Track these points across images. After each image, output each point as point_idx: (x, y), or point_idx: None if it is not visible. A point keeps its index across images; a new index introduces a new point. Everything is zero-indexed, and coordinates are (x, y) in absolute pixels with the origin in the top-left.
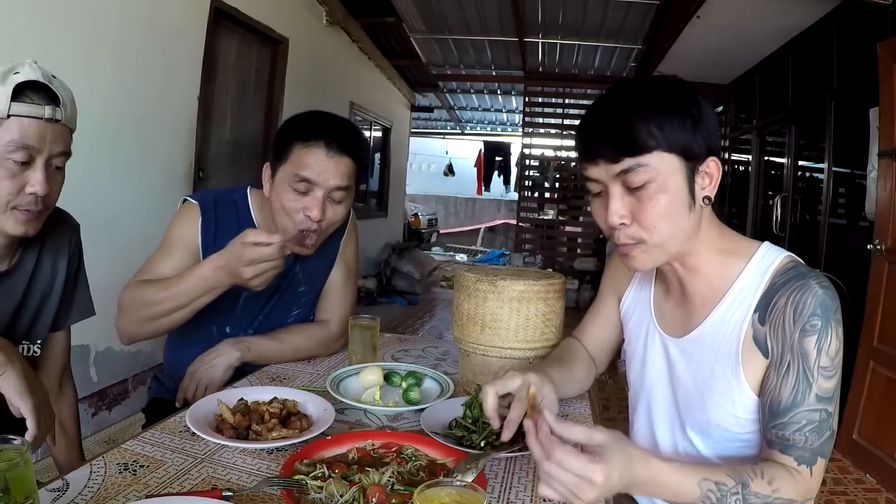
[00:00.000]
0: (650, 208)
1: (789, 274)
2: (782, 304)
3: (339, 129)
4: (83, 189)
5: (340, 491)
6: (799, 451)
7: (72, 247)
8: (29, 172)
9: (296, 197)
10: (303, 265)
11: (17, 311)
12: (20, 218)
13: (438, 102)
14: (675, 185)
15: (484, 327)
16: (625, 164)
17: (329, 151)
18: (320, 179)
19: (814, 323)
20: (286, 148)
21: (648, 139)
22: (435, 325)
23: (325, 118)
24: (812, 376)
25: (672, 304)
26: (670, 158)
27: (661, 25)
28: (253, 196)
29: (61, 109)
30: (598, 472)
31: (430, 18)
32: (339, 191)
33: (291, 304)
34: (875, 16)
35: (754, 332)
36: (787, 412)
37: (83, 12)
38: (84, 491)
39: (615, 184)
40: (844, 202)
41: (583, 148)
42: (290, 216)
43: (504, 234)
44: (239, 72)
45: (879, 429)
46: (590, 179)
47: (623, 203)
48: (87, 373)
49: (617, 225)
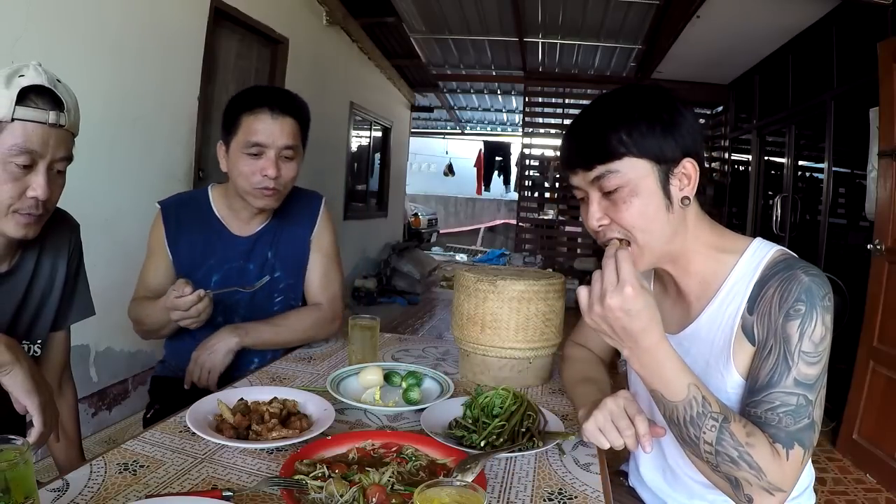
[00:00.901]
0: (624, 210)
1: (779, 266)
2: (770, 293)
3: (279, 95)
4: (83, 189)
5: (340, 491)
6: (773, 430)
7: (71, 247)
8: (31, 176)
9: (251, 161)
10: (275, 251)
11: (17, 312)
12: (21, 221)
13: (438, 102)
14: (648, 187)
15: (484, 327)
16: (597, 171)
17: (273, 115)
18: (270, 141)
19: (798, 308)
20: (234, 121)
21: (618, 146)
22: (435, 325)
23: (265, 89)
24: (792, 359)
25: (669, 302)
26: (641, 163)
27: (661, 25)
28: (214, 191)
29: (65, 115)
30: (633, 288)
31: (430, 18)
32: (289, 149)
33: (272, 290)
34: (875, 16)
35: (743, 323)
36: (761, 391)
37: (83, 12)
38: (84, 491)
39: (592, 189)
40: (844, 202)
41: (563, 159)
42: (248, 179)
43: (504, 234)
44: (239, 72)
45: (879, 429)
46: (573, 187)
47: (600, 207)
48: (87, 373)
49: (596, 227)
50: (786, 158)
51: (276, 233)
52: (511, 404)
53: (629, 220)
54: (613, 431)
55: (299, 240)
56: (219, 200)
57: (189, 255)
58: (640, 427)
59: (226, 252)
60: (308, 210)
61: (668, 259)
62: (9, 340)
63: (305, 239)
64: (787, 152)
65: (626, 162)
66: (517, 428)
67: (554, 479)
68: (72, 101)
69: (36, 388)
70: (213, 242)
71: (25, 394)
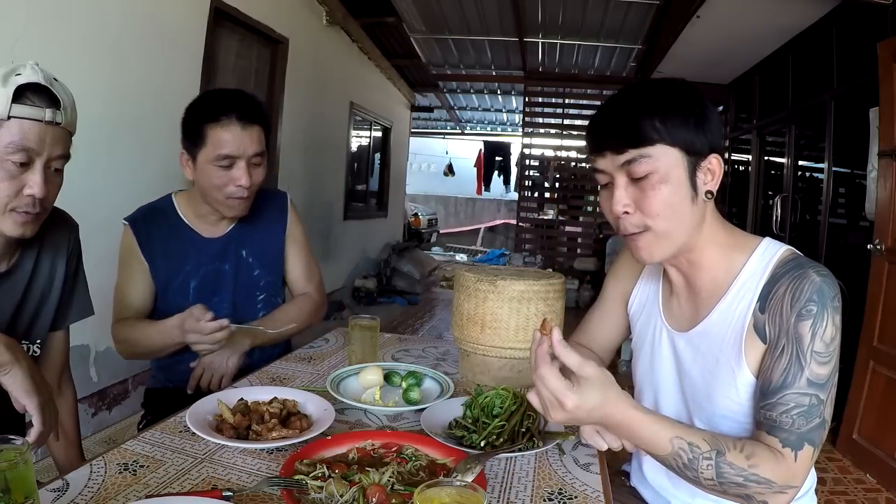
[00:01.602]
0: (653, 197)
1: (789, 265)
2: (782, 291)
3: (243, 102)
4: (82, 189)
5: (340, 491)
6: (785, 434)
7: (70, 247)
8: (28, 174)
9: (222, 173)
10: (249, 250)
11: (16, 311)
12: (18, 220)
13: (438, 102)
14: (677, 177)
15: (484, 327)
16: (629, 155)
17: (242, 125)
18: (240, 151)
19: (809, 308)
20: (198, 132)
21: (652, 132)
22: (435, 325)
23: (226, 95)
24: (805, 360)
25: (678, 300)
26: (673, 152)
27: (661, 25)
28: (178, 199)
29: (62, 112)
30: (570, 399)
31: (430, 18)
32: (257, 156)
33: (252, 288)
34: (875, 16)
35: (754, 321)
36: (776, 392)
37: (83, 12)
38: (84, 491)
39: (620, 174)
40: (844, 202)
41: (592, 141)
42: (221, 191)
43: (504, 234)
44: (239, 72)
45: (879, 429)
46: (598, 171)
47: (627, 192)
48: (87, 373)
49: (621, 213)
50: (786, 158)
51: (248, 232)
52: (511, 404)
53: (656, 206)
54: (611, 433)
55: (273, 236)
56: (185, 207)
57: (166, 265)
58: None
59: (199, 256)
60: (276, 207)
61: (684, 250)
62: (8, 340)
63: (279, 235)
64: (787, 152)
65: (659, 149)
66: (517, 428)
67: (554, 479)
68: (68, 100)
69: (35, 388)
70: (186, 248)
71: (25, 394)
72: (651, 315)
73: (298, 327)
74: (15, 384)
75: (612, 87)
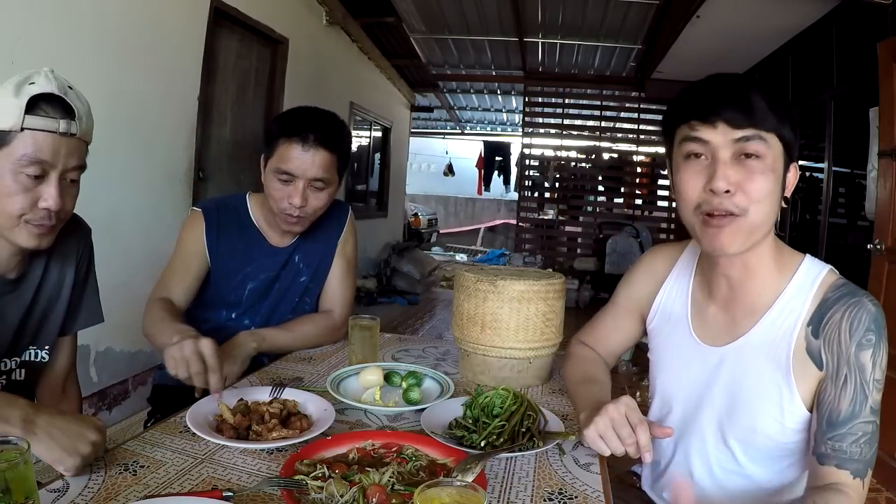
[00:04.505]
0: (760, 181)
1: (841, 290)
2: (837, 318)
3: (318, 124)
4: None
5: (340, 491)
6: (855, 464)
7: (81, 251)
8: (42, 187)
9: (280, 186)
10: (302, 255)
11: (25, 318)
12: (33, 232)
13: (438, 102)
14: (778, 170)
15: (484, 327)
16: (748, 132)
17: (305, 146)
18: (299, 172)
19: (869, 338)
20: (274, 142)
21: (773, 119)
22: (435, 325)
23: (308, 113)
24: (868, 388)
25: (714, 310)
26: (779, 146)
27: (660, 25)
28: (251, 199)
29: (76, 123)
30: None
31: (429, 18)
32: (319, 181)
33: (294, 293)
34: (875, 16)
35: (808, 345)
36: (845, 423)
37: (83, 12)
38: (84, 491)
39: (728, 150)
40: (844, 202)
41: (704, 107)
42: (277, 202)
43: (504, 234)
44: (239, 72)
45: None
46: (695, 141)
47: (733, 171)
48: (88, 373)
49: (722, 191)
50: None
51: (307, 240)
52: (511, 404)
53: (759, 190)
54: (615, 439)
55: (327, 245)
56: (256, 210)
57: (229, 261)
58: (642, 437)
59: (263, 262)
60: (336, 216)
61: (752, 250)
62: (25, 414)
63: (332, 244)
64: None
65: (773, 138)
66: (517, 428)
67: (554, 479)
68: (83, 109)
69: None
70: (251, 251)
71: (56, 462)
72: (676, 328)
73: (307, 343)
74: (42, 455)
75: (612, 87)
